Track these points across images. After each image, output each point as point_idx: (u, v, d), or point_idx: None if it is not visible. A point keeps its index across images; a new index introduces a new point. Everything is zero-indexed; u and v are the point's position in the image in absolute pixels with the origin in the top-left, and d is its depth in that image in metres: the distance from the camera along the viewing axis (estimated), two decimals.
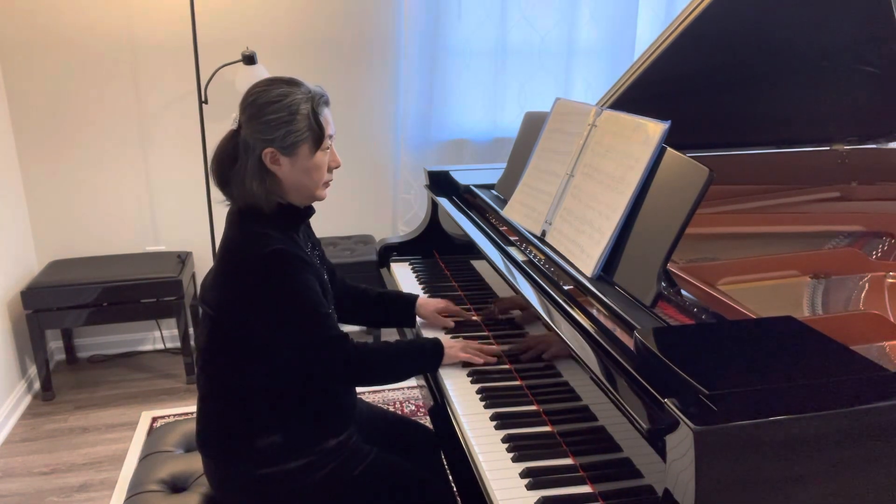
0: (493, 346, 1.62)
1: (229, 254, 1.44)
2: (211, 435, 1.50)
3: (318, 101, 1.43)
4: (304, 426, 1.47)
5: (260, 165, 1.42)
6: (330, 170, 1.50)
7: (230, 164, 1.44)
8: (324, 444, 1.48)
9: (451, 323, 1.77)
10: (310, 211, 1.54)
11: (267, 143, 1.40)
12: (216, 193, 1.50)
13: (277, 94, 1.40)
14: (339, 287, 1.76)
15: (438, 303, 1.80)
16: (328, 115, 1.46)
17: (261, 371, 1.44)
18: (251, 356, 1.43)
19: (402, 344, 1.59)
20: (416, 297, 1.81)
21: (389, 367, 1.54)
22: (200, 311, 1.51)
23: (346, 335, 1.46)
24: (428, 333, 1.76)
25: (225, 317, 1.45)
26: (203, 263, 3.36)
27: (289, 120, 1.39)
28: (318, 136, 1.43)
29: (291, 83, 1.43)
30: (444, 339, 1.61)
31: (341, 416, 1.53)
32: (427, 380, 1.64)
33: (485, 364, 1.57)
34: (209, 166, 1.50)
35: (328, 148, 1.47)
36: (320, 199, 1.51)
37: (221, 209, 1.52)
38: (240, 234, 1.43)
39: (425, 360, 1.58)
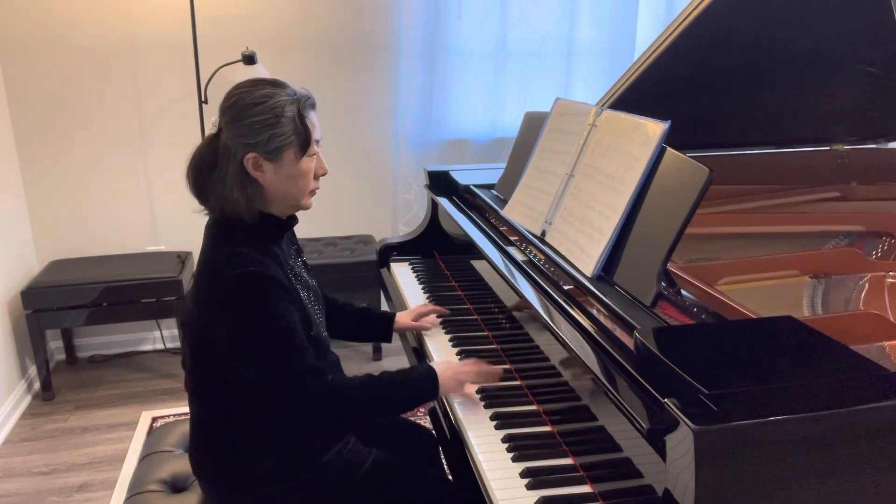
0: (497, 368, 1.47)
1: (204, 273, 1.35)
2: (204, 460, 1.46)
3: (304, 103, 1.35)
4: (298, 446, 1.42)
5: (241, 172, 1.33)
6: (316, 177, 1.42)
7: (208, 171, 1.35)
8: (320, 458, 1.44)
9: (428, 326, 1.76)
10: (292, 221, 1.47)
11: (249, 147, 1.31)
12: (194, 202, 1.39)
13: (261, 96, 1.32)
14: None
15: (411, 312, 1.79)
16: (314, 119, 1.38)
17: (248, 395, 1.37)
18: (235, 380, 1.36)
19: (388, 377, 1.40)
20: (392, 315, 1.79)
21: (372, 404, 1.39)
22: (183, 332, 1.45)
23: (322, 369, 1.34)
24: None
25: (203, 341, 1.37)
26: None
27: (273, 123, 1.31)
28: (304, 141, 1.35)
29: (276, 84, 1.35)
30: (438, 366, 1.44)
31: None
32: None
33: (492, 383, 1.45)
34: (186, 173, 1.38)
35: (315, 154, 1.39)
36: (305, 208, 1.43)
37: None
38: (215, 252, 1.35)
39: (416, 394, 1.41)
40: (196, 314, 1.37)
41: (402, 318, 1.78)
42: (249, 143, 1.32)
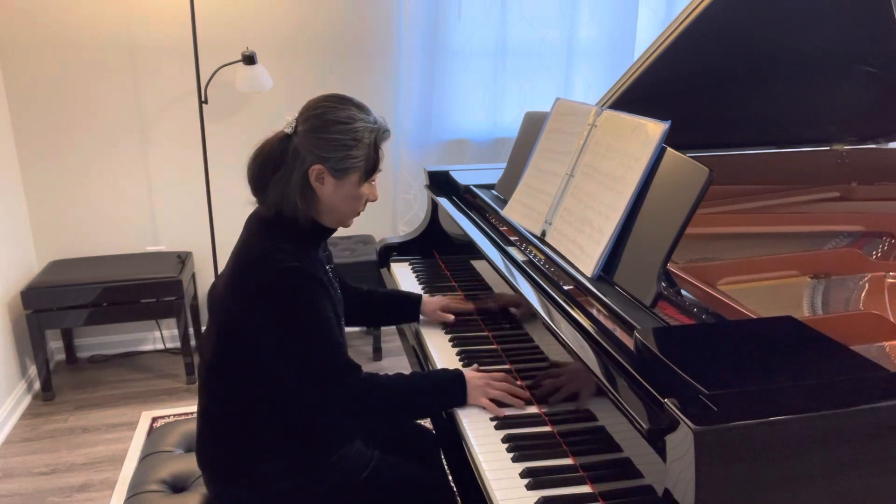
0: (524, 392, 1.43)
1: (244, 264, 1.39)
2: (210, 458, 1.47)
3: (381, 134, 1.43)
4: (307, 448, 1.44)
5: (304, 179, 1.38)
6: (365, 202, 1.48)
7: (273, 170, 1.39)
8: (326, 460, 1.45)
9: (450, 317, 1.78)
10: (333, 228, 1.51)
11: (320, 160, 1.37)
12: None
13: (347, 116, 1.39)
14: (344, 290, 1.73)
15: (440, 301, 1.82)
16: (383, 151, 1.45)
17: (264, 393, 1.40)
18: (257, 376, 1.39)
19: (419, 377, 1.45)
20: (420, 296, 1.82)
21: (403, 402, 1.42)
22: (207, 321, 1.46)
23: (357, 365, 1.38)
24: (426, 329, 1.77)
25: (233, 330, 1.39)
26: (203, 263, 3.36)
27: (351, 145, 1.38)
28: (371, 168, 1.42)
29: (362, 108, 1.43)
30: (468, 372, 1.45)
31: (345, 432, 1.50)
32: None
33: (509, 405, 1.40)
34: (249, 163, 1.43)
35: (374, 182, 1.47)
36: (346, 226, 1.51)
37: (222, 209, 1.50)
38: (260, 245, 1.38)
39: (446, 397, 1.42)
40: (230, 303, 1.39)
41: (427, 305, 1.81)
42: (322, 155, 1.37)
